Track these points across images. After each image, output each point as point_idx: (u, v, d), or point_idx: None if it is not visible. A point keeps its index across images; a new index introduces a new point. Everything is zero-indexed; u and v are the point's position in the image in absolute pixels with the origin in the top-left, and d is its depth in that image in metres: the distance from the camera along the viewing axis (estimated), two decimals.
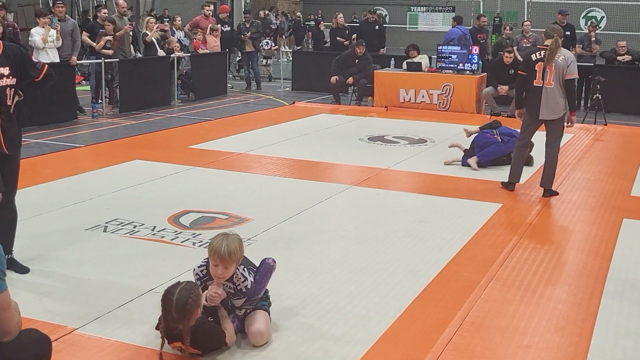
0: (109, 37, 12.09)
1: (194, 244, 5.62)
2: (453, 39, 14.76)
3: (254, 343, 3.91)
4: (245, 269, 3.94)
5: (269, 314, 4.09)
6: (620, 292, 4.87)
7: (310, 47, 21.26)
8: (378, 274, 5.10)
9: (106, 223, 6.10)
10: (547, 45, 7.09)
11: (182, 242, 5.67)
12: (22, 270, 4.95)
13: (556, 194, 7.36)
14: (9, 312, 2.71)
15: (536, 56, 7.13)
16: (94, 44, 12.17)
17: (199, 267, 4.02)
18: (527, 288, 4.90)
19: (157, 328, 3.88)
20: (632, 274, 5.24)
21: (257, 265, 4.16)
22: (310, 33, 23.88)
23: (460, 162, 8.70)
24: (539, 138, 7.68)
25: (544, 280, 5.04)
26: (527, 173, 8.31)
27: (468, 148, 8.92)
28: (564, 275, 5.16)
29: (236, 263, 3.83)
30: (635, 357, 3.95)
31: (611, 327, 4.33)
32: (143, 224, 6.07)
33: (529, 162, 8.68)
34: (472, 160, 8.53)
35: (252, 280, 3.94)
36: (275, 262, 4.17)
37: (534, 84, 7.09)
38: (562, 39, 7.33)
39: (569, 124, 7.29)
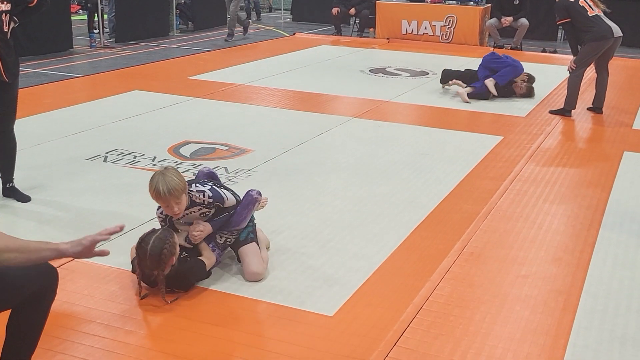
0: None
1: (194, 174, 5.61)
2: None
3: (251, 281, 3.92)
4: (196, 184, 3.86)
5: (257, 242, 4.06)
6: (619, 224, 4.90)
7: None
8: (378, 205, 5.12)
9: (106, 153, 6.09)
10: None
11: (182, 172, 5.64)
12: (23, 198, 4.97)
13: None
14: None
15: None
16: None
17: (157, 209, 3.90)
18: (526, 219, 4.92)
19: (133, 271, 3.81)
20: (631, 206, 5.26)
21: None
22: None
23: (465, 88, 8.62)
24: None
25: (543, 212, 5.06)
26: (528, 106, 8.29)
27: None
28: (563, 207, 5.19)
29: (184, 193, 3.69)
30: (632, 287, 4.00)
31: (609, 258, 4.37)
32: (143, 155, 6.06)
33: (531, 94, 8.65)
34: (490, 82, 8.43)
35: (209, 186, 3.86)
36: (260, 194, 4.04)
37: (590, 15, 7.50)
38: None
39: None
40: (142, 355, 3.23)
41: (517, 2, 12.21)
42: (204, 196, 3.81)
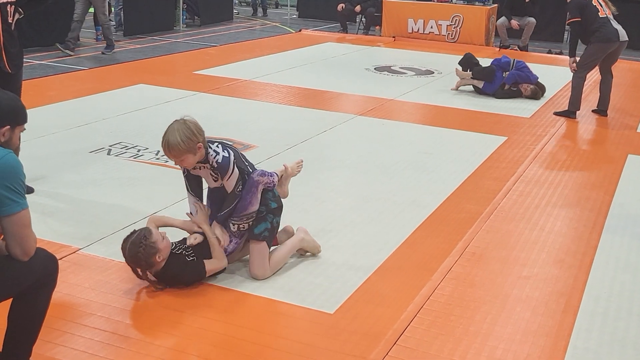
0: None
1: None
2: None
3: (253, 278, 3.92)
4: (217, 145, 3.88)
5: (270, 242, 3.99)
6: (622, 227, 4.88)
7: None
8: (381, 203, 5.12)
9: (110, 146, 6.09)
10: None
11: None
12: (27, 190, 4.96)
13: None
14: (29, 230, 2.74)
15: None
16: None
17: None
18: (529, 221, 4.91)
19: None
20: (634, 209, 5.25)
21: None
22: None
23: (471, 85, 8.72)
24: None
25: (546, 214, 5.05)
26: (532, 107, 8.27)
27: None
28: (565, 209, 5.18)
29: (188, 153, 3.72)
30: (634, 290, 3.99)
31: (611, 261, 4.36)
32: (147, 148, 6.06)
33: (537, 95, 8.64)
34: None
35: (226, 155, 3.83)
36: (263, 175, 3.89)
37: (600, 16, 7.54)
38: None
39: None
40: (142, 349, 3.23)
41: (528, 0, 12.16)
42: (214, 158, 3.83)
